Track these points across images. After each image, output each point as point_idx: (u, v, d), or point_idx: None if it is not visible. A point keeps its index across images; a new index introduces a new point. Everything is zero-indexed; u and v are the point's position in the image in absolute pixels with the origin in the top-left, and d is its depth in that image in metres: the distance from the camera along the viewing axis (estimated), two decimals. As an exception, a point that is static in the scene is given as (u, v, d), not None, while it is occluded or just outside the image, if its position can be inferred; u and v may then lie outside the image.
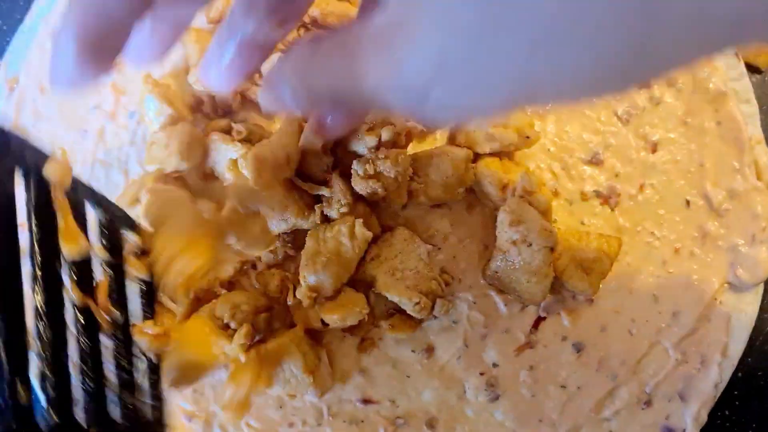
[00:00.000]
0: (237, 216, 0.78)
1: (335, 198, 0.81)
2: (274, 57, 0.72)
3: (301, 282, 0.80)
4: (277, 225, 0.82)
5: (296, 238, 0.85)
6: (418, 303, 0.78)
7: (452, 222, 0.87)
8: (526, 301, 0.81)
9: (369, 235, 0.81)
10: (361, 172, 0.79)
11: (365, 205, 0.83)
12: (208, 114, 0.88)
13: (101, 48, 0.42)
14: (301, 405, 0.86)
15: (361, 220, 0.81)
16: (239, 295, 0.82)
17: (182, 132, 0.82)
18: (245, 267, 0.85)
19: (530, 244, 0.77)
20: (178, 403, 0.86)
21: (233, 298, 0.82)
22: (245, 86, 0.87)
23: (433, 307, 0.81)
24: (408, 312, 0.80)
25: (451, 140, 0.86)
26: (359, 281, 0.83)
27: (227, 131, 0.83)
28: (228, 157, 0.82)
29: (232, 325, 0.80)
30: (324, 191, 0.80)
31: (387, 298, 0.80)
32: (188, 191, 0.81)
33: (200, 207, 0.76)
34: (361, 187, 0.79)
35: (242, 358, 0.76)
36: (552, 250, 0.77)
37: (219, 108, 0.88)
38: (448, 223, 0.87)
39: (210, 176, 0.86)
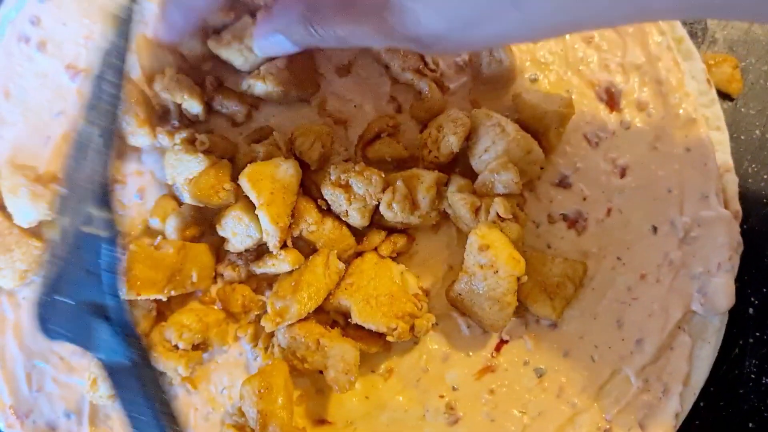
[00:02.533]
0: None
1: (303, 217, 0.80)
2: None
3: (268, 308, 0.79)
4: (242, 241, 0.81)
5: (260, 256, 0.84)
6: (395, 329, 0.77)
7: (417, 241, 0.86)
8: (487, 327, 0.80)
9: (342, 267, 0.81)
10: (333, 178, 0.79)
11: (334, 221, 0.82)
12: (173, 124, 0.87)
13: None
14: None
15: (335, 252, 0.81)
16: (187, 315, 0.81)
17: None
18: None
19: (497, 271, 0.75)
20: (131, 418, 0.84)
21: (180, 319, 0.81)
22: (210, 96, 0.85)
23: (412, 329, 0.79)
24: (387, 338, 0.79)
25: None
26: (333, 311, 0.82)
27: (191, 141, 0.82)
28: (190, 168, 0.81)
29: (181, 345, 0.79)
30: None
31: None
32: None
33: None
34: (328, 192, 0.79)
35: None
36: (518, 279, 0.76)
37: (185, 117, 0.86)
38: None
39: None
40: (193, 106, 0.83)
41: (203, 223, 0.85)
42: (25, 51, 0.91)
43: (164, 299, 0.79)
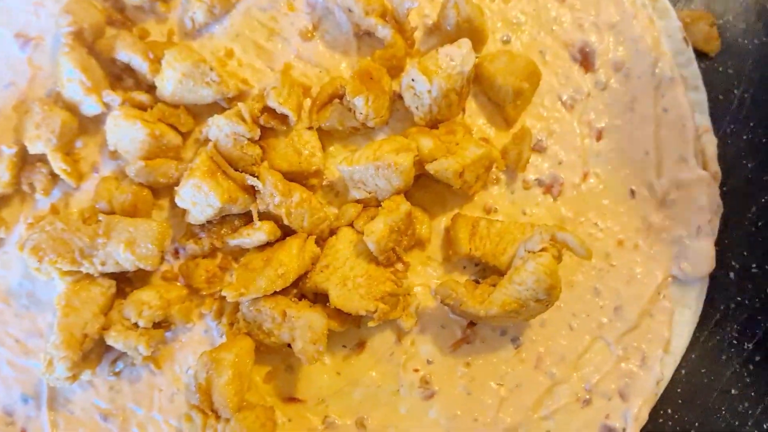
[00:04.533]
0: None
1: (267, 191, 0.76)
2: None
3: (233, 276, 0.77)
4: (203, 211, 0.77)
5: (222, 228, 0.80)
6: (375, 311, 0.74)
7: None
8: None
9: (318, 252, 0.78)
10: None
11: (303, 192, 0.78)
12: (128, 87, 0.83)
13: None
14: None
15: (314, 237, 0.78)
16: (147, 293, 0.77)
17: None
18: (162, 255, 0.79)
19: (537, 300, 0.71)
20: (92, 400, 0.80)
21: (140, 296, 0.77)
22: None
23: (398, 308, 0.77)
24: (369, 324, 0.76)
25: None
26: (310, 293, 0.79)
27: (143, 108, 0.78)
28: (129, 135, 0.77)
29: (141, 323, 0.75)
30: (255, 181, 0.76)
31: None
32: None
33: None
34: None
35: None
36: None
37: (142, 82, 0.82)
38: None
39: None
40: (139, 62, 0.79)
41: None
42: (-28, 19, 0.86)
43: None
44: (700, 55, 0.86)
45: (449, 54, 0.76)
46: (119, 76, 0.83)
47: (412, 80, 0.77)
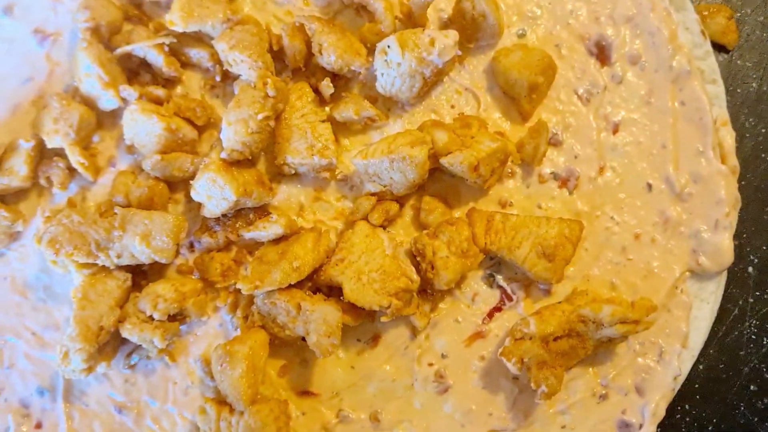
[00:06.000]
0: None
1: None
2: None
3: (248, 269, 0.77)
4: (218, 204, 0.77)
5: (237, 221, 0.80)
6: (389, 307, 0.74)
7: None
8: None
9: (333, 243, 0.78)
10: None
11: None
12: (145, 82, 0.83)
13: None
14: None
15: (329, 230, 0.79)
16: (162, 285, 0.77)
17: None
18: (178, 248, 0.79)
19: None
20: (106, 393, 0.81)
21: (155, 289, 0.77)
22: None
23: (413, 303, 0.77)
24: (382, 319, 0.76)
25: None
26: (324, 286, 0.79)
27: (159, 102, 0.79)
28: (146, 129, 0.77)
29: (156, 316, 0.76)
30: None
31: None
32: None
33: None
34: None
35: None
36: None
37: (158, 77, 0.83)
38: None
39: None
40: (154, 56, 0.80)
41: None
42: (-9, 16, 0.87)
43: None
44: (718, 47, 0.85)
45: (432, 37, 0.76)
46: (136, 71, 0.84)
47: (388, 46, 0.77)
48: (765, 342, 0.82)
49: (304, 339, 0.75)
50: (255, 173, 0.80)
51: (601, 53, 0.84)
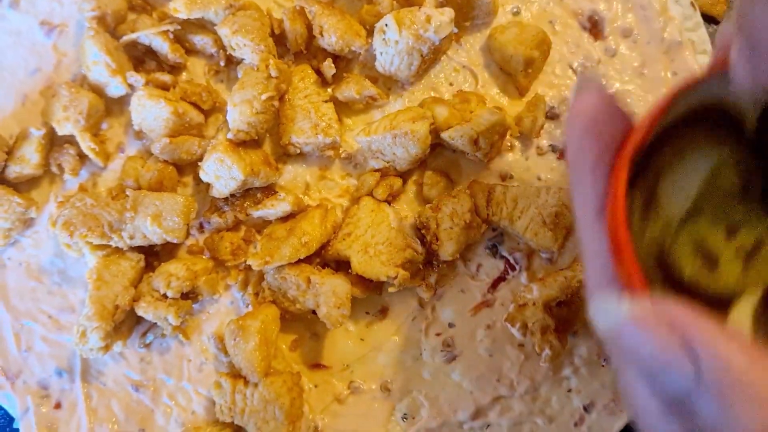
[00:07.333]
0: None
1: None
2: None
3: (258, 246, 0.79)
4: (226, 184, 0.79)
5: (245, 201, 0.82)
6: (395, 278, 0.76)
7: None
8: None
9: (340, 219, 0.80)
10: None
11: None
12: (151, 69, 0.85)
13: None
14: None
15: (335, 207, 0.82)
16: (174, 265, 0.80)
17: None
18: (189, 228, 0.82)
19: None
20: (123, 372, 0.83)
21: (168, 269, 0.79)
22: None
23: (419, 275, 0.80)
24: (389, 289, 0.78)
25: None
26: (332, 260, 0.81)
27: (166, 88, 0.81)
28: (154, 114, 0.79)
29: (170, 294, 0.78)
30: None
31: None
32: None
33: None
34: None
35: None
36: None
37: (164, 64, 0.85)
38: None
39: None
40: (159, 43, 0.82)
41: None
42: (-2, 9, 0.89)
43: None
44: (708, 19, 0.87)
45: (428, 15, 0.77)
46: (141, 59, 0.86)
47: (386, 25, 0.79)
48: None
49: (314, 312, 0.77)
50: (261, 153, 0.82)
51: (594, 27, 0.86)
